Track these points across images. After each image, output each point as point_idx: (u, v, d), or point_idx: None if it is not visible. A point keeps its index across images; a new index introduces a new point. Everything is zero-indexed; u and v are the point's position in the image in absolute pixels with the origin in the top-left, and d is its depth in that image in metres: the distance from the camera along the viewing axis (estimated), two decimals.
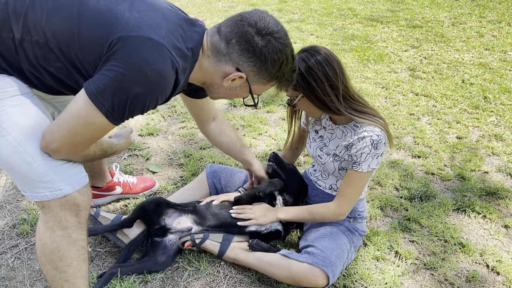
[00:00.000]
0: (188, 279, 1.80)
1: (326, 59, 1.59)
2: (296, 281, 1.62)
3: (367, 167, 1.65)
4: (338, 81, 1.60)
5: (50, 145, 1.22)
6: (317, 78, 1.58)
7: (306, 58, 1.59)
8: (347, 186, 1.72)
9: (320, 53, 1.60)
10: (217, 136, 1.93)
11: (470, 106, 3.58)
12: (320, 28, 5.86)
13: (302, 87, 1.61)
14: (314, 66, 1.58)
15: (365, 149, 1.63)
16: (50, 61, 1.21)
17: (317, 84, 1.59)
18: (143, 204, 1.88)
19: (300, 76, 1.59)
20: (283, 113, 3.38)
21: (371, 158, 1.64)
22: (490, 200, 2.40)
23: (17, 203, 2.21)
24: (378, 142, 1.62)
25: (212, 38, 1.31)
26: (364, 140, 1.63)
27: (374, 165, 1.66)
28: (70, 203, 1.29)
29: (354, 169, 1.68)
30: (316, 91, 1.60)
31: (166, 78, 1.21)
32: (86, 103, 1.17)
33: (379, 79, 4.13)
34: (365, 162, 1.64)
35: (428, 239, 2.08)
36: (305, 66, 1.58)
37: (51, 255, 1.31)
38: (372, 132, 1.62)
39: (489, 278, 1.87)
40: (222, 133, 1.93)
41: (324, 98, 1.61)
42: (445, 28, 5.95)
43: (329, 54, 1.61)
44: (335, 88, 1.61)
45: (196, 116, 1.88)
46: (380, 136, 1.62)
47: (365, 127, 1.64)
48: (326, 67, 1.58)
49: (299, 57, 1.59)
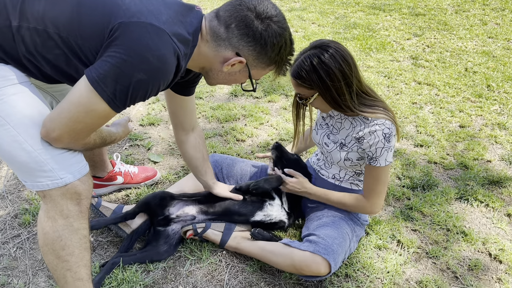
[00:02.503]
0: (190, 268, 1.80)
1: (341, 54, 1.55)
2: (298, 269, 1.62)
3: (384, 161, 1.64)
4: (352, 76, 1.58)
5: (51, 134, 1.20)
6: (334, 76, 1.55)
7: (320, 54, 1.55)
8: (371, 182, 1.71)
9: (331, 47, 1.56)
10: (191, 149, 1.84)
11: (473, 94, 3.55)
12: (322, 16, 5.80)
13: (318, 86, 1.58)
14: (330, 63, 1.54)
15: (379, 143, 1.61)
16: (48, 48, 1.19)
17: (333, 83, 1.56)
18: (148, 200, 1.87)
19: (315, 74, 1.55)
20: (285, 102, 3.36)
21: (386, 152, 1.63)
22: (493, 189, 2.39)
23: (19, 193, 2.21)
24: (390, 135, 1.61)
25: (211, 23, 1.30)
26: (376, 134, 1.61)
27: (390, 158, 1.65)
28: (71, 192, 1.28)
29: (372, 164, 1.67)
30: (331, 90, 1.58)
31: (168, 64, 1.20)
32: (88, 90, 1.16)
33: (381, 68, 4.10)
34: (381, 157, 1.64)
35: (431, 228, 2.08)
36: (320, 63, 1.54)
37: (53, 244, 1.30)
38: (384, 125, 1.61)
39: (491, 267, 1.87)
40: (197, 147, 1.85)
41: (338, 98, 1.60)
42: (448, 16, 5.88)
43: (342, 48, 1.58)
44: (350, 85, 1.59)
45: (179, 122, 1.78)
46: (391, 129, 1.61)
47: (376, 120, 1.63)
48: (342, 63, 1.55)
49: (310, 54, 1.56)
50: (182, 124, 1.79)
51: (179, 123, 1.79)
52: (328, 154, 1.86)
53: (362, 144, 1.67)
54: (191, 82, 1.63)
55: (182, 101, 1.70)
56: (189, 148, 1.84)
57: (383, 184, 1.71)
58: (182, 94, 1.67)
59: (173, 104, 1.73)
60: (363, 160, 1.75)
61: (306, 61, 1.56)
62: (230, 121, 3.02)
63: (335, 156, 1.80)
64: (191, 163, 1.89)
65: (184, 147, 1.84)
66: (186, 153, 1.86)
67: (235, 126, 2.94)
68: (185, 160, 1.91)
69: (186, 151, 1.85)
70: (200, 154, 1.86)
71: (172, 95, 1.68)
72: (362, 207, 1.77)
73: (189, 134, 1.82)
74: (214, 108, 3.20)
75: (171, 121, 1.81)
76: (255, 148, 2.70)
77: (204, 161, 1.89)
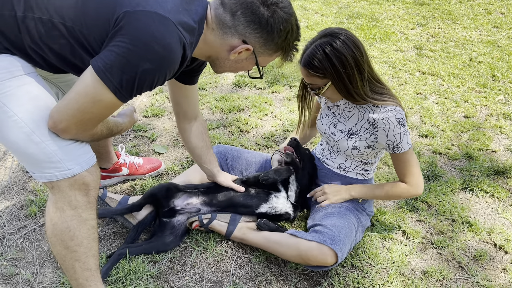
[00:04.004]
0: (196, 258, 1.81)
1: (352, 41, 1.54)
2: (305, 259, 1.63)
3: (407, 144, 1.65)
4: (364, 62, 1.57)
5: (58, 125, 1.20)
6: (347, 63, 1.54)
7: (332, 42, 1.53)
8: (403, 167, 1.71)
9: (342, 34, 1.55)
10: (194, 138, 1.84)
11: (478, 84, 3.53)
12: (325, 6, 5.75)
13: (331, 74, 1.57)
14: (343, 50, 1.53)
15: (395, 129, 1.61)
16: (53, 38, 1.19)
17: (346, 70, 1.55)
18: (154, 191, 1.87)
19: (329, 62, 1.54)
20: (289, 93, 3.34)
21: (404, 136, 1.63)
22: (498, 179, 2.38)
23: (24, 185, 2.21)
24: (403, 119, 1.62)
25: (216, 11, 1.29)
26: (389, 120, 1.61)
27: (410, 141, 1.67)
28: (79, 183, 1.28)
29: (397, 152, 1.67)
30: (344, 78, 1.57)
31: (174, 53, 1.19)
32: (94, 80, 1.15)
33: (385, 58, 4.07)
34: (402, 142, 1.64)
35: (436, 218, 2.08)
36: (333, 50, 1.53)
37: (62, 235, 1.31)
38: (395, 111, 1.61)
39: (497, 257, 1.87)
40: (200, 136, 1.85)
41: (350, 86, 1.59)
42: (453, 5, 5.82)
43: (352, 34, 1.57)
44: (361, 72, 1.58)
45: (181, 111, 1.78)
46: (402, 114, 1.62)
47: (387, 107, 1.63)
48: (354, 49, 1.54)
49: (322, 42, 1.55)
50: (185, 113, 1.78)
51: (182, 112, 1.79)
52: (334, 143, 1.85)
53: (377, 131, 1.67)
54: (195, 71, 1.62)
55: (185, 90, 1.70)
56: (192, 137, 1.84)
57: (416, 165, 1.71)
58: (186, 83, 1.66)
59: (176, 93, 1.73)
60: (370, 149, 1.75)
61: (319, 50, 1.55)
62: (234, 112, 3.01)
63: (342, 145, 1.80)
64: (194, 152, 1.89)
65: (187, 136, 1.84)
66: (189, 142, 1.86)
67: (239, 117, 2.93)
68: (188, 149, 1.91)
69: (189, 140, 1.85)
70: (203, 143, 1.87)
71: (175, 84, 1.67)
72: (406, 192, 1.75)
73: (192, 123, 1.82)
74: (218, 99, 3.19)
75: (174, 110, 1.81)
76: (259, 139, 2.69)
77: (208, 149, 1.90)
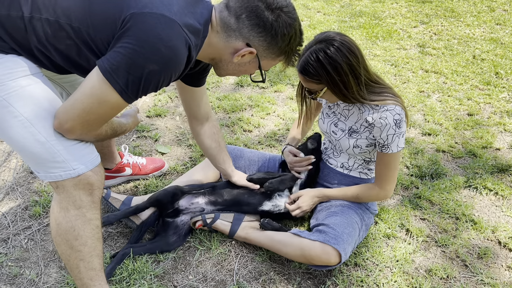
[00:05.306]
0: (199, 258, 1.82)
1: (347, 47, 1.54)
2: (308, 259, 1.63)
3: (396, 147, 1.64)
4: (360, 67, 1.57)
5: (64, 125, 1.21)
6: (341, 70, 1.54)
7: (326, 49, 1.53)
8: (383, 168, 1.72)
9: (336, 40, 1.54)
10: (207, 138, 1.85)
11: (482, 82, 3.52)
12: (327, 5, 5.74)
13: (326, 81, 1.57)
14: (337, 58, 1.52)
15: (390, 130, 1.61)
16: (60, 38, 1.19)
17: (341, 77, 1.55)
18: (160, 197, 1.86)
19: (323, 69, 1.54)
20: (291, 92, 3.34)
21: (397, 138, 1.62)
22: (502, 177, 2.37)
23: (28, 185, 2.22)
24: (401, 120, 1.60)
25: (221, 14, 1.30)
26: (386, 120, 1.60)
27: (401, 144, 1.65)
28: (84, 183, 1.29)
29: (384, 152, 1.67)
30: (339, 84, 1.57)
31: (180, 55, 1.20)
32: (100, 81, 1.16)
33: (388, 56, 4.06)
34: (393, 143, 1.63)
35: (439, 216, 2.07)
36: (326, 57, 1.53)
37: (66, 234, 1.31)
38: (394, 111, 1.60)
39: (501, 255, 1.87)
40: (213, 136, 1.86)
41: (346, 92, 1.59)
42: (455, 2, 5.80)
43: (347, 39, 1.56)
44: (358, 77, 1.58)
45: (192, 113, 1.79)
46: (401, 115, 1.61)
47: (386, 106, 1.62)
48: (349, 55, 1.54)
49: (316, 48, 1.55)
50: (195, 115, 1.80)
51: (193, 114, 1.80)
52: (336, 142, 1.85)
53: (373, 129, 1.67)
54: (200, 73, 1.63)
55: (193, 92, 1.71)
56: (205, 138, 1.85)
57: (394, 169, 1.71)
58: (193, 85, 1.67)
59: (185, 95, 1.74)
60: (372, 147, 1.75)
61: (312, 56, 1.55)
62: (236, 112, 3.02)
63: (343, 144, 1.80)
64: (208, 153, 1.91)
65: (200, 137, 1.86)
66: (202, 143, 1.88)
67: (241, 116, 2.93)
68: (202, 150, 1.93)
69: (202, 141, 1.87)
70: (216, 144, 1.88)
71: (183, 87, 1.68)
72: (375, 195, 1.77)
73: (204, 124, 1.83)
74: (220, 99, 3.19)
75: (186, 112, 1.83)
76: (262, 138, 2.69)
77: (221, 150, 1.91)
